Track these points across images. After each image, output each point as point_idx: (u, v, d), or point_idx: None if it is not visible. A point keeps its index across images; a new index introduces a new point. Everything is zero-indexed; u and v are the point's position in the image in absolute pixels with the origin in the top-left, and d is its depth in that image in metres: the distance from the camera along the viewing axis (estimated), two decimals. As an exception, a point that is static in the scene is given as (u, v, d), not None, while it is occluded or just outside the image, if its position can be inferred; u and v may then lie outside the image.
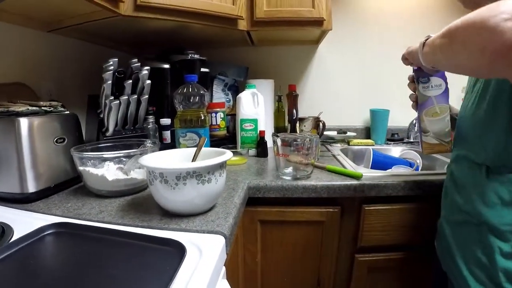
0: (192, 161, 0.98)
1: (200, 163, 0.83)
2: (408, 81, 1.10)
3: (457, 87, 1.03)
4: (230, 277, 0.82)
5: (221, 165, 0.89)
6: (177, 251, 0.67)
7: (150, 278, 0.60)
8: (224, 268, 0.76)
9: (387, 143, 2.06)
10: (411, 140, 2.06)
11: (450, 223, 0.96)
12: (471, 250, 0.85)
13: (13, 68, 1.26)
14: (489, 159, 0.84)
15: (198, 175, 0.83)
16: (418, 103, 1.07)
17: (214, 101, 1.95)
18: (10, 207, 0.97)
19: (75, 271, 0.65)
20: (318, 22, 1.67)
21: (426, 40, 0.84)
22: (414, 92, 1.09)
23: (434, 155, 1.64)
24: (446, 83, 1.01)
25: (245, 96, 1.68)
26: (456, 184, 0.95)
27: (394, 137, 2.12)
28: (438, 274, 1.04)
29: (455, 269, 0.90)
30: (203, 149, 1.02)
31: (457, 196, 0.93)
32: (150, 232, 0.77)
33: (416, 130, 2.05)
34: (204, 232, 0.80)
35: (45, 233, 0.77)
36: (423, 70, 0.98)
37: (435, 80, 1.02)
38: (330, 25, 1.70)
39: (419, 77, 1.04)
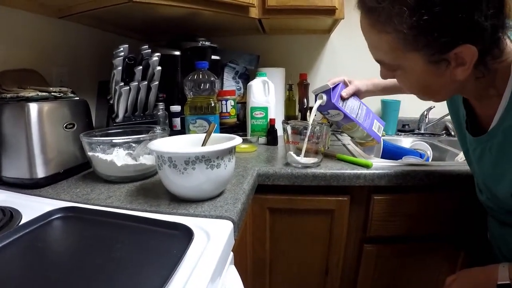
0: (201, 146, 0.98)
1: (209, 148, 0.83)
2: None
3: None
4: (238, 264, 0.82)
5: (230, 150, 0.88)
6: (185, 235, 0.67)
7: (157, 261, 0.60)
8: (232, 254, 0.76)
9: (398, 134, 2.05)
10: (422, 132, 2.04)
11: None
12: None
13: (24, 54, 1.26)
14: None
15: (207, 159, 0.82)
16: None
17: (225, 89, 1.94)
18: (19, 193, 0.97)
19: (83, 254, 0.65)
20: (330, 11, 1.65)
21: None
22: None
23: (444, 146, 1.72)
24: (344, 111, 1.22)
25: (256, 84, 1.67)
26: None
27: (405, 128, 2.10)
28: None
29: None
30: (213, 135, 1.01)
31: None
32: (158, 217, 0.77)
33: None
34: (212, 217, 0.79)
35: (53, 217, 0.77)
36: (323, 107, 1.23)
37: (332, 112, 1.24)
38: (342, 14, 1.68)
39: (322, 111, 1.27)
